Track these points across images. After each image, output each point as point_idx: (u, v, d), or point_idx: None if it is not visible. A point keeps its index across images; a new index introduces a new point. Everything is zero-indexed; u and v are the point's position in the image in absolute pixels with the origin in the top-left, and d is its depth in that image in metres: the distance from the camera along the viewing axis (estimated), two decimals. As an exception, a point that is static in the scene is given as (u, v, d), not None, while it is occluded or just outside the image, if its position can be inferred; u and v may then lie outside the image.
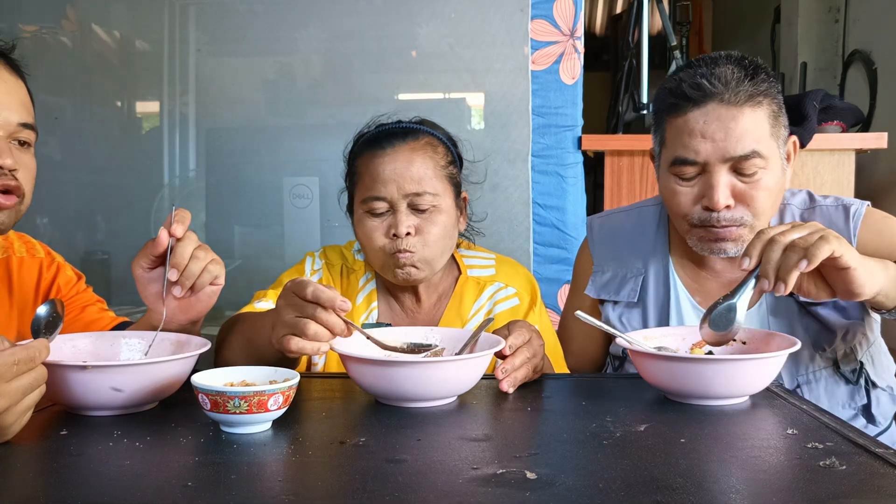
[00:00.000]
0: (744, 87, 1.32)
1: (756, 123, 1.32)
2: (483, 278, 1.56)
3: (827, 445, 0.89)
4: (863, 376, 1.39)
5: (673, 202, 1.39)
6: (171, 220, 1.15)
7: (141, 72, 2.79)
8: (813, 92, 2.60)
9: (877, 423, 1.41)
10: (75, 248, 2.73)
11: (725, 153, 1.32)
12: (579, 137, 2.49)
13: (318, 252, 1.60)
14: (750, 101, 1.32)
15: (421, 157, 1.45)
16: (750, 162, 1.32)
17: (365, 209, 1.45)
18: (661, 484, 0.77)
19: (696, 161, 1.34)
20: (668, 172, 1.39)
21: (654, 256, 1.50)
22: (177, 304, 1.18)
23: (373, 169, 1.45)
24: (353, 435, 0.95)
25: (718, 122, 1.32)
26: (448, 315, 1.53)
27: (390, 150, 1.45)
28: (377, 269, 1.50)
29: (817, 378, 1.39)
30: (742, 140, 1.31)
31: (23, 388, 0.87)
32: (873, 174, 3.07)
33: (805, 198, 1.48)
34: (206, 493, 0.75)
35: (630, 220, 1.58)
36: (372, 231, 1.44)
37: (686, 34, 4.45)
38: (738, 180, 1.33)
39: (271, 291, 1.48)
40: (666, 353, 1.16)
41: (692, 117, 1.33)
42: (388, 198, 1.43)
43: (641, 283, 1.49)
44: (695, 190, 1.36)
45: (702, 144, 1.33)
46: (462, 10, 2.56)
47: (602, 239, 1.59)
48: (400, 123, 1.53)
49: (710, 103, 1.32)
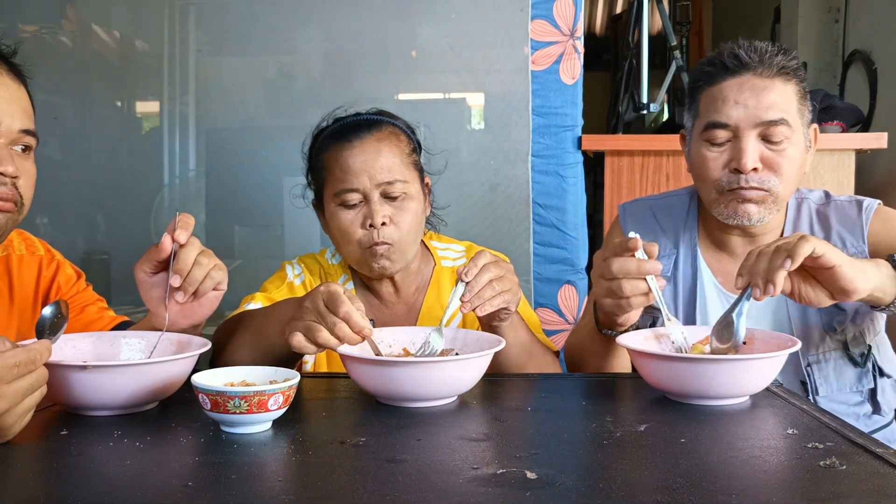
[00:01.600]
0: (777, 61, 1.41)
1: (786, 97, 1.41)
2: (458, 267, 1.59)
3: (827, 445, 0.89)
4: (870, 360, 1.44)
5: (703, 168, 1.45)
6: (174, 225, 1.15)
7: (141, 72, 2.79)
8: (813, 92, 2.59)
9: (882, 413, 1.45)
10: (75, 248, 2.72)
11: (756, 118, 1.39)
12: (579, 137, 2.49)
13: (295, 259, 1.63)
14: (781, 75, 1.41)
15: (387, 146, 1.49)
16: (777, 129, 1.39)
17: (338, 202, 1.48)
18: (661, 484, 0.77)
19: (728, 124, 1.41)
20: (700, 139, 1.46)
21: (683, 237, 1.57)
22: (179, 309, 1.18)
23: (342, 161, 1.47)
24: (353, 435, 0.95)
25: (751, 91, 1.40)
26: (427, 304, 1.57)
27: (357, 142, 1.48)
28: (353, 262, 1.52)
29: (827, 359, 1.44)
30: (772, 108, 1.39)
31: (23, 390, 0.87)
32: (873, 174, 3.07)
33: (821, 194, 1.56)
34: (206, 493, 0.75)
35: (661, 207, 1.64)
36: (348, 224, 1.47)
37: (686, 34, 4.46)
38: (766, 147, 1.40)
39: (259, 295, 1.51)
40: (666, 353, 1.16)
41: (727, 86, 1.42)
42: (361, 188, 1.46)
43: (674, 262, 1.55)
44: (724, 156, 1.43)
45: (734, 110, 1.40)
46: (462, 10, 2.56)
47: (636, 218, 1.64)
48: (359, 115, 1.56)
49: (746, 74, 1.41)
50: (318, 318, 1.10)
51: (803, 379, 1.43)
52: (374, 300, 1.59)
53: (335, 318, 1.09)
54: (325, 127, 1.58)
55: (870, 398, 1.45)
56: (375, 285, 1.57)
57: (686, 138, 1.55)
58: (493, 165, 2.52)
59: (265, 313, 1.30)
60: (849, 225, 1.47)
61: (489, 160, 2.54)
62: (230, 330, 1.34)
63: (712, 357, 1.12)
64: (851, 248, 1.44)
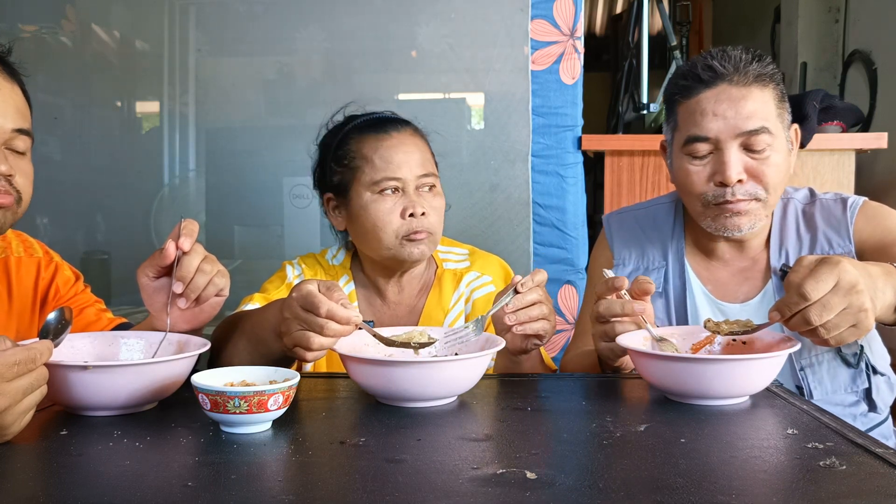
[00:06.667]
0: (752, 69, 1.39)
1: (764, 103, 1.39)
2: (460, 270, 1.62)
3: (827, 445, 0.89)
4: (863, 360, 1.43)
5: (687, 182, 1.43)
6: (178, 231, 1.15)
7: (141, 72, 2.79)
8: (813, 92, 2.60)
9: (878, 410, 1.45)
10: (75, 248, 2.72)
11: (736, 129, 1.37)
12: (579, 137, 2.49)
13: (296, 260, 1.63)
14: (758, 82, 1.39)
15: (420, 142, 1.55)
16: (759, 137, 1.37)
17: (376, 190, 1.49)
18: (661, 484, 0.77)
19: (708, 137, 1.39)
20: (682, 153, 1.44)
21: (671, 249, 1.55)
22: (180, 315, 1.18)
23: (383, 151, 1.50)
24: (353, 435, 0.95)
25: (729, 102, 1.38)
26: (429, 306, 1.58)
27: (396, 135, 1.52)
28: (381, 251, 1.51)
29: (820, 361, 1.43)
30: (752, 117, 1.37)
31: (23, 389, 0.87)
32: (873, 174, 3.07)
33: (806, 193, 1.54)
34: (206, 493, 0.75)
35: (647, 215, 1.62)
36: (386, 213, 1.48)
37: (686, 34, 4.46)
38: (749, 157, 1.39)
39: (258, 296, 1.51)
40: (666, 353, 1.16)
41: (704, 98, 1.40)
42: (403, 179, 1.49)
43: (664, 275, 1.54)
44: (707, 168, 1.41)
45: (713, 122, 1.39)
46: (462, 10, 2.56)
47: (621, 233, 1.62)
48: (377, 114, 1.58)
49: (721, 84, 1.39)
50: (304, 324, 1.10)
51: (798, 383, 1.43)
52: (377, 300, 1.59)
53: (320, 320, 1.08)
54: (346, 121, 1.58)
55: (865, 397, 1.44)
56: (381, 285, 1.58)
57: (667, 150, 1.52)
58: (493, 165, 2.52)
59: (256, 319, 1.27)
60: (834, 224, 1.46)
61: (489, 160, 2.54)
62: (227, 331, 1.33)
63: (712, 357, 1.12)
64: (838, 248, 1.44)
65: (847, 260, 1.09)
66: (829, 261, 1.07)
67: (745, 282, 1.50)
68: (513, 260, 2.42)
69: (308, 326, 1.09)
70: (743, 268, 1.51)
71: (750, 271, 1.50)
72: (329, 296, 1.09)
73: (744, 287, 1.50)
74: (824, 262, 1.07)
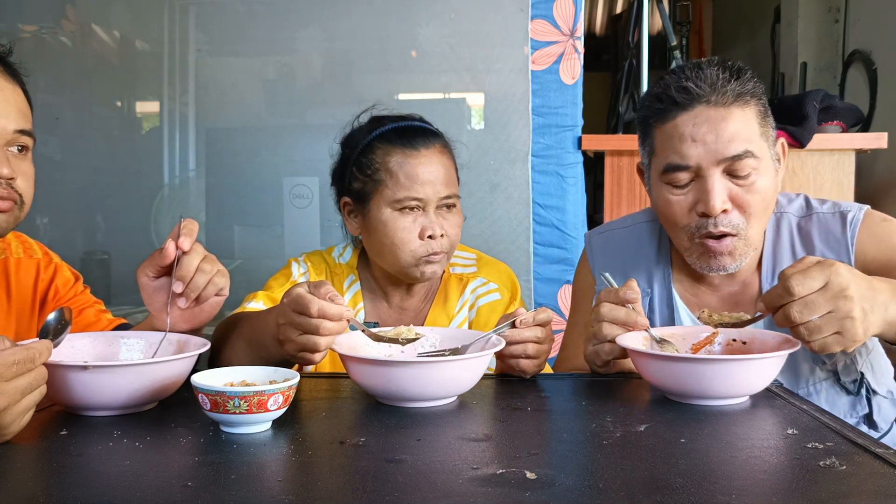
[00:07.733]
0: (730, 87, 1.29)
1: (746, 123, 1.29)
2: (466, 275, 1.61)
3: (827, 445, 0.89)
4: (864, 386, 1.37)
5: (668, 212, 1.35)
6: (178, 230, 1.15)
7: (141, 72, 2.79)
8: (813, 92, 2.60)
9: (878, 429, 1.39)
10: (75, 248, 2.73)
11: (718, 155, 1.28)
12: (579, 137, 2.49)
13: (302, 257, 1.61)
14: (738, 101, 1.29)
15: (447, 160, 1.52)
16: (743, 162, 1.28)
17: (397, 207, 1.47)
18: (661, 484, 0.77)
19: (689, 166, 1.30)
20: (661, 182, 1.35)
21: (657, 276, 1.48)
22: (180, 314, 1.18)
23: (409, 169, 1.47)
24: (353, 435, 0.95)
25: (708, 125, 1.28)
26: (434, 312, 1.57)
27: (424, 151, 1.48)
28: (397, 267, 1.49)
29: (818, 390, 1.37)
30: (734, 141, 1.28)
31: (21, 388, 0.87)
32: (873, 174, 3.07)
33: (802, 204, 1.44)
34: (206, 493, 0.75)
35: (630, 238, 1.54)
36: (405, 232, 1.46)
37: (686, 34, 4.46)
38: (733, 183, 1.30)
39: (261, 293, 1.50)
40: (666, 353, 1.16)
41: (681, 122, 1.30)
42: (425, 199, 1.47)
43: (649, 303, 1.46)
44: (689, 197, 1.32)
45: (693, 149, 1.29)
46: (462, 10, 2.56)
47: (603, 256, 1.54)
48: (412, 122, 1.54)
49: (698, 106, 1.29)
50: (300, 328, 1.09)
51: None
52: (382, 304, 1.58)
53: (314, 321, 1.08)
54: (372, 124, 1.54)
55: (865, 420, 1.38)
56: (389, 290, 1.57)
57: (645, 173, 1.43)
58: (493, 165, 2.53)
59: (255, 323, 1.26)
60: (833, 245, 1.36)
61: (489, 160, 2.54)
62: (227, 332, 1.33)
63: (712, 357, 1.12)
64: None
65: (846, 267, 1.06)
66: (825, 262, 1.06)
67: (736, 307, 1.39)
68: (513, 260, 2.43)
69: (304, 329, 1.09)
70: (733, 293, 1.42)
71: (740, 296, 1.42)
72: (317, 293, 1.09)
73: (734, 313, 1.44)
74: (820, 262, 1.06)
